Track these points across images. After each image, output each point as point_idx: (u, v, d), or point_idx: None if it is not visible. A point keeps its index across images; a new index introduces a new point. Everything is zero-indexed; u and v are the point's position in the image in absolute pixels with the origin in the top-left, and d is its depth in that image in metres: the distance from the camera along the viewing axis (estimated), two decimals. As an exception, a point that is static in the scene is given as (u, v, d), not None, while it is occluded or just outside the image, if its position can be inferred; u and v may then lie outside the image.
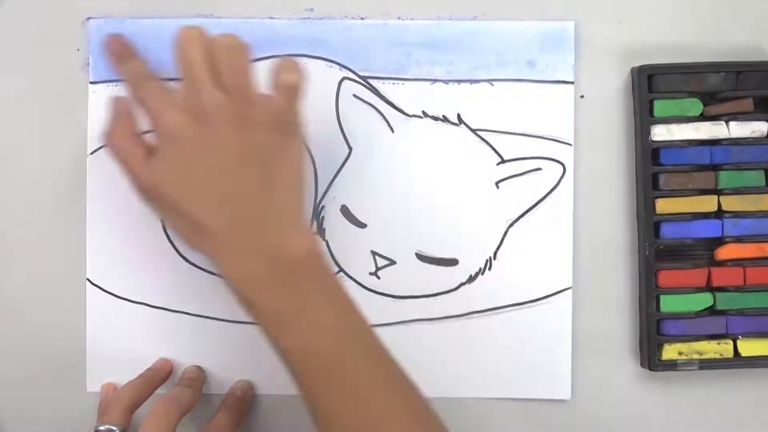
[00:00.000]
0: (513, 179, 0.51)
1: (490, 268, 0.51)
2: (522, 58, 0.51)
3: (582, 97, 0.51)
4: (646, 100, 0.50)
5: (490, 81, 0.51)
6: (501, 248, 0.51)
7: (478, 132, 0.51)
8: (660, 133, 0.50)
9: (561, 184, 0.51)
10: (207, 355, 0.51)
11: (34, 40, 0.51)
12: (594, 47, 0.51)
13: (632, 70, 0.51)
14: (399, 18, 0.51)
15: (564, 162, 0.51)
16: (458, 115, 0.51)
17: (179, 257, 0.51)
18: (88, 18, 0.51)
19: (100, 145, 0.51)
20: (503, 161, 0.51)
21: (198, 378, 0.50)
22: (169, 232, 0.51)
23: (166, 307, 0.51)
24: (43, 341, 0.51)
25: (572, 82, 0.51)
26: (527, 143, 0.51)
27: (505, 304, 0.51)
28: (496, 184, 0.51)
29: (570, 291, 0.51)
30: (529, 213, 0.51)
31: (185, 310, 0.51)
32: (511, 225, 0.51)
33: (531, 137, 0.51)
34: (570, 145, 0.51)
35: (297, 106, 0.45)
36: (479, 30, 0.51)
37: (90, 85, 0.51)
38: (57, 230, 0.51)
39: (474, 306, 0.51)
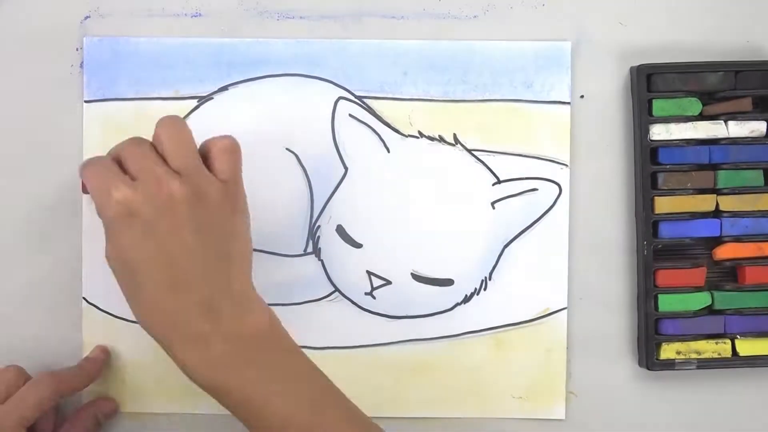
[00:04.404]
0: (509, 200, 0.51)
1: (485, 289, 0.51)
2: (518, 78, 0.51)
3: (582, 96, 0.51)
4: (644, 99, 0.50)
5: (486, 101, 0.51)
6: (496, 269, 0.51)
7: (474, 152, 0.51)
8: (659, 132, 0.50)
9: (557, 204, 0.51)
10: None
11: (28, 53, 0.51)
12: (593, 46, 0.51)
13: (631, 69, 0.51)
14: (395, 37, 0.51)
15: (560, 183, 0.51)
16: (454, 135, 0.51)
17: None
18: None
19: (96, 164, 0.51)
20: (499, 182, 0.51)
21: (95, 358, 0.50)
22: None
23: (162, 326, 0.51)
24: (38, 361, 0.51)
25: (568, 103, 0.51)
26: (523, 164, 0.51)
27: (500, 324, 0.51)
28: (492, 204, 0.51)
29: (565, 312, 0.51)
30: (525, 234, 0.51)
31: (181, 329, 0.52)
32: (506, 245, 0.51)
33: (527, 158, 0.51)
34: (566, 165, 0.51)
35: (240, 175, 0.44)
36: (475, 49, 0.51)
37: (85, 104, 0.51)
38: (53, 249, 0.51)
39: (469, 326, 0.51)
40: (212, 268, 0.42)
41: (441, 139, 0.51)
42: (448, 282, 0.51)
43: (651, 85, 0.50)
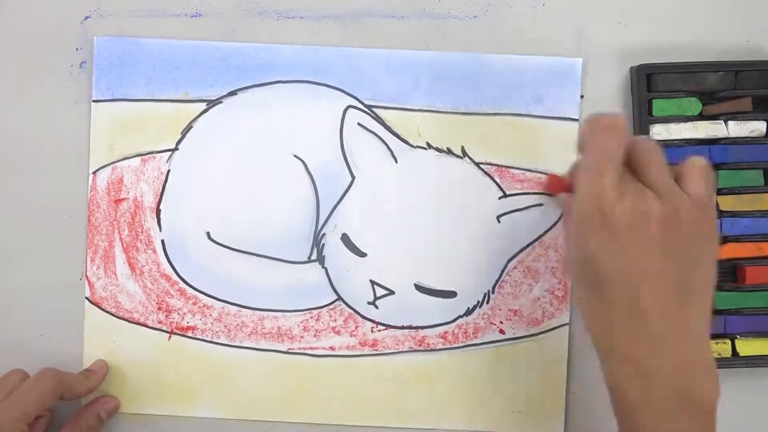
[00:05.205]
0: (514, 214, 0.51)
1: (488, 302, 0.51)
2: (528, 93, 0.51)
3: (582, 96, 0.51)
4: (645, 99, 0.50)
5: (495, 114, 0.51)
6: (500, 282, 0.51)
7: (482, 165, 0.51)
8: (659, 132, 0.50)
9: (562, 220, 0.51)
10: (204, 377, 0.51)
11: (27, 53, 0.51)
12: (594, 46, 0.51)
13: (631, 69, 0.51)
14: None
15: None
16: (462, 148, 0.51)
17: (178, 279, 0.51)
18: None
19: (103, 164, 0.51)
20: (505, 195, 0.51)
21: (97, 371, 0.51)
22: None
23: (163, 328, 0.51)
24: (40, 360, 0.51)
25: (577, 119, 0.51)
26: (530, 178, 0.51)
27: (502, 338, 0.51)
28: (498, 218, 0.51)
29: (566, 327, 0.51)
30: (530, 248, 0.51)
31: (183, 332, 0.52)
32: (510, 260, 0.51)
33: (534, 172, 0.51)
34: (573, 182, 0.51)
35: (714, 199, 0.41)
36: (486, 62, 0.51)
37: (93, 104, 0.51)
38: (56, 249, 0.51)
39: (471, 339, 0.51)
40: (671, 300, 0.39)
41: (449, 151, 0.51)
42: (451, 294, 0.51)
43: (651, 85, 0.50)
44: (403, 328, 0.51)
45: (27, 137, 0.51)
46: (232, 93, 0.51)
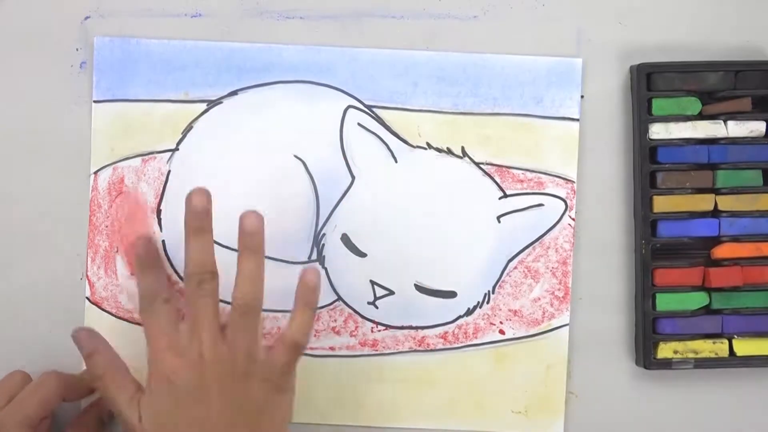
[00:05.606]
0: (514, 214, 0.51)
1: (488, 302, 0.51)
2: (528, 93, 0.51)
3: (582, 96, 0.51)
4: (644, 98, 0.50)
5: (495, 114, 0.51)
6: (500, 283, 0.51)
7: (482, 165, 0.51)
8: (658, 131, 0.50)
9: (562, 221, 0.51)
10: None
11: (27, 53, 0.51)
12: (594, 46, 0.51)
13: (631, 68, 0.51)
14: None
15: (566, 199, 0.51)
16: (462, 148, 0.51)
17: (179, 279, 0.51)
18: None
19: (104, 164, 0.51)
20: (505, 196, 0.51)
21: None
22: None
23: (164, 328, 0.52)
24: (40, 360, 0.51)
25: (577, 119, 0.51)
26: (530, 179, 0.51)
27: (502, 338, 0.51)
28: (498, 218, 0.51)
29: (566, 328, 0.51)
30: (530, 249, 0.51)
31: (183, 332, 0.52)
32: (510, 260, 0.51)
33: (534, 173, 0.51)
34: (573, 182, 0.51)
35: (296, 362, 0.45)
36: (486, 63, 0.51)
37: (94, 104, 0.51)
38: (57, 249, 0.51)
39: (471, 339, 0.51)
40: None
41: (449, 151, 0.51)
42: (451, 294, 0.51)
43: (651, 84, 0.50)
44: (403, 328, 0.51)
45: (27, 137, 0.51)
46: (233, 93, 0.51)
